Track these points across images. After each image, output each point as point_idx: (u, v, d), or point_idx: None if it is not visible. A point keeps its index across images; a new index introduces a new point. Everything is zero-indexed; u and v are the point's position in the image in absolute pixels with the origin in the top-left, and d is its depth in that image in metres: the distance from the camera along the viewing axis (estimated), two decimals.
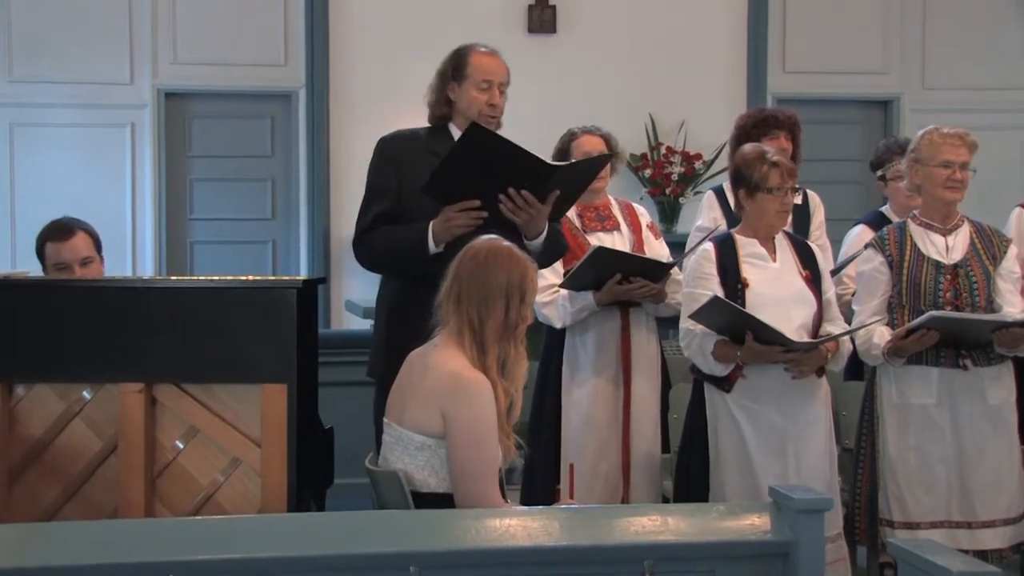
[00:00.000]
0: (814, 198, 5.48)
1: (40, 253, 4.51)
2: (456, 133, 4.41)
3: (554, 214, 4.26)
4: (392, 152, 4.39)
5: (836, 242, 5.84)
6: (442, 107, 4.48)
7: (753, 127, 5.43)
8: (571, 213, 5.20)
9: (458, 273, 3.63)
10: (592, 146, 5.20)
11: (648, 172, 9.10)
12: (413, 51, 8.06)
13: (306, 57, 8.96)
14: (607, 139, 5.27)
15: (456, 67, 4.45)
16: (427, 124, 4.53)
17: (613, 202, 5.33)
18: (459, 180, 4.10)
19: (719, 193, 5.51)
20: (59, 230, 4.51)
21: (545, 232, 4.21)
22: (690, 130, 9.09)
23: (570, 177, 4.19)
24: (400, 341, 4.27)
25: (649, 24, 9.23)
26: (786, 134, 5.43)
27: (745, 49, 9.38)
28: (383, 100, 8.62)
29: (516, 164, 4.04)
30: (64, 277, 4.40)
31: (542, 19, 9.09)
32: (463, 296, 3.59)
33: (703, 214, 5.50)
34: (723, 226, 5.30)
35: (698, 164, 9.05)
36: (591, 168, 4.35)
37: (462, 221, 4.12)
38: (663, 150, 9.17)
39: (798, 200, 5.27)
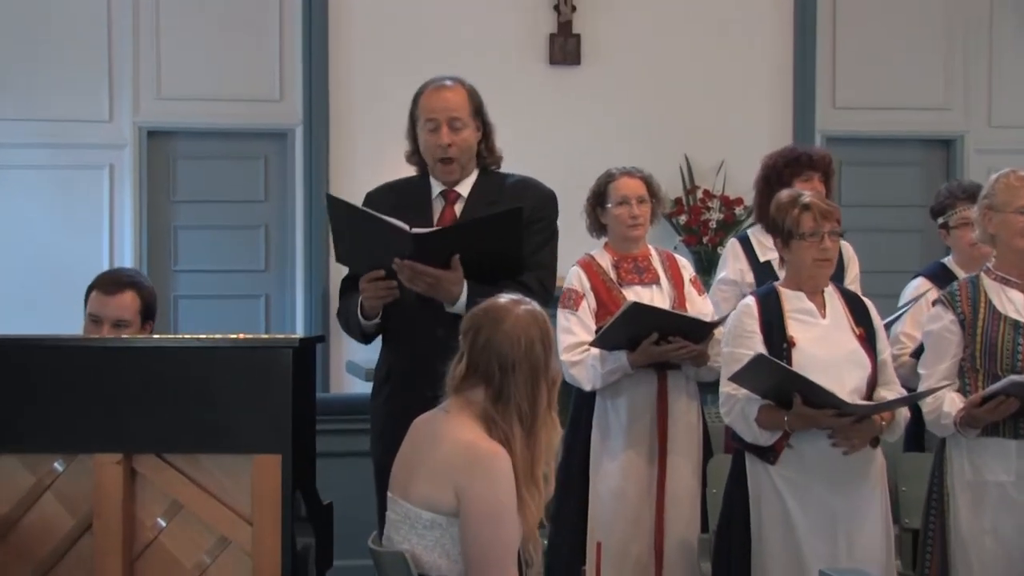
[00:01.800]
0: (847, 249, 5.45)
1: (86, 297, 4.56)
2: (435, 181, 4.52)
3: (486, 272, 4.22)
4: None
5: (892, 296, 5.83)
6: (415, 155, 4.58)
7: (784, 167, 5.41)
8: (606, 264, 5.22)
9: (495, 364, 3.57)
10: (631, 189, 5.22)
11: (683, 218, 9.11)
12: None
13: (303, 92, 9.00)
14: (647, 181, 5.29)
15: (412, 110, 4.55)
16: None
17: (653, 252, 5.33)
18: (358, 250, 4.26)
19: (744, 241, 5.50)
20: (109, 282, 4.53)
21: (464, 296, 4.19)
22: (730, 172, 9.09)
23: (472, 236, 4.18)
24: (377, 409, 4.39)
25: (684, 56, 9.26)
26: (820, 176, 5.41)
27: (791, 82, 9.40)
28: (388, 139, 8.53)
29: (385, 233, 4.13)
30: (89, 332, 4.45)
31: (565, 49, 9.13)
32: (512, 392, 3.56)
33: (727, 265, 5.49)
34: (750, 278, 5.31)
35: (739, 210, 9.05)
36: (500, 224, 4.24)
37: (370, 293, 4.26)
38: (700, 194, 9.18)
39: None
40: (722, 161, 9.19)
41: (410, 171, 4.67)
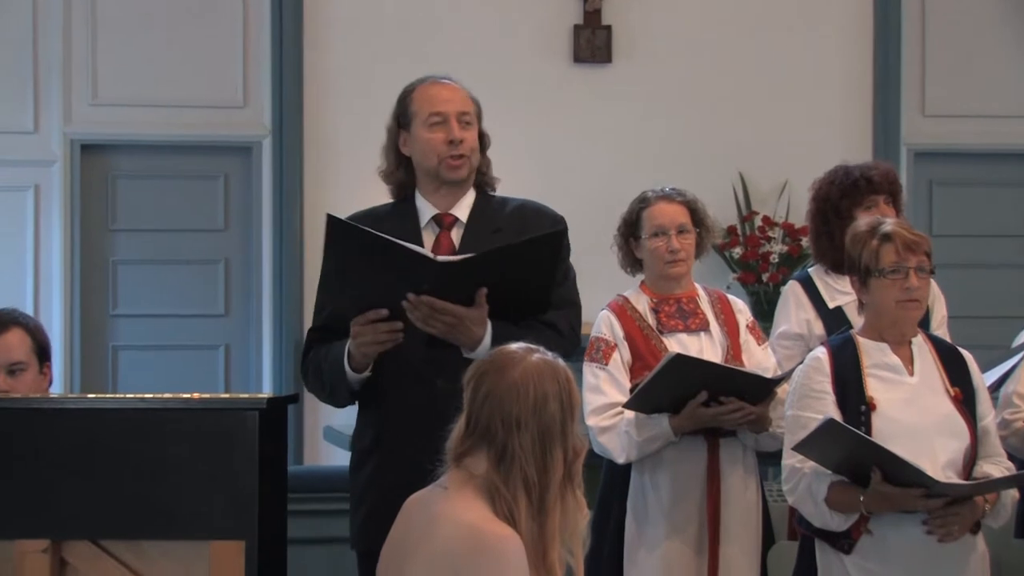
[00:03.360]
0: (932, 285, 5.42)
1: None
2: (423, 204, 4.54)
3: (510, 309, 4.28)
4: None
5: (994, 347, 5.82)
6: (398, 172, 4.61)
7: (841, 198, 5.37)
8: (643, 307, 5.21)
9: (497, 420, 3.59)
10: (669, 217, 5.20)
11: (737, 251, 9.11)
12: None
13: (272, 96, 9.02)
14: (691, 206, 5.26)
15: (401, 111, 4.59)
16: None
17: (701, 292, 5.32)
18: (355, 285, 4.27)
19: (806, 283, 5.46)
20: None
21: (487, 338, 4.25)
22: (794, 194, 9.07)
23: (506, 265, 4.22)
24: (361, 486, 4.45)
25: (738, 52, 9.27)
26: (886, 198, 5.39)
27: (870, 84, 9.41)
28: (375, 154, 8.65)
29: (400, 262, 4.16)
30: None
31: (592, 45, 9.16)
32: (516, 454, 3.57)
33: (789, 315, 5.43)
34: (819, 329, 5.28)
35: (806, 240, 9.03)
36: (538, 250, 4.31)
37: (369, 338, 4.27)
38: (758, 221, 9.19)
39: None
40: (785, 182, 9.20)
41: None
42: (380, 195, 4.68)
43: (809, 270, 5.54)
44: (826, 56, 9.39)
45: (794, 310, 5.44)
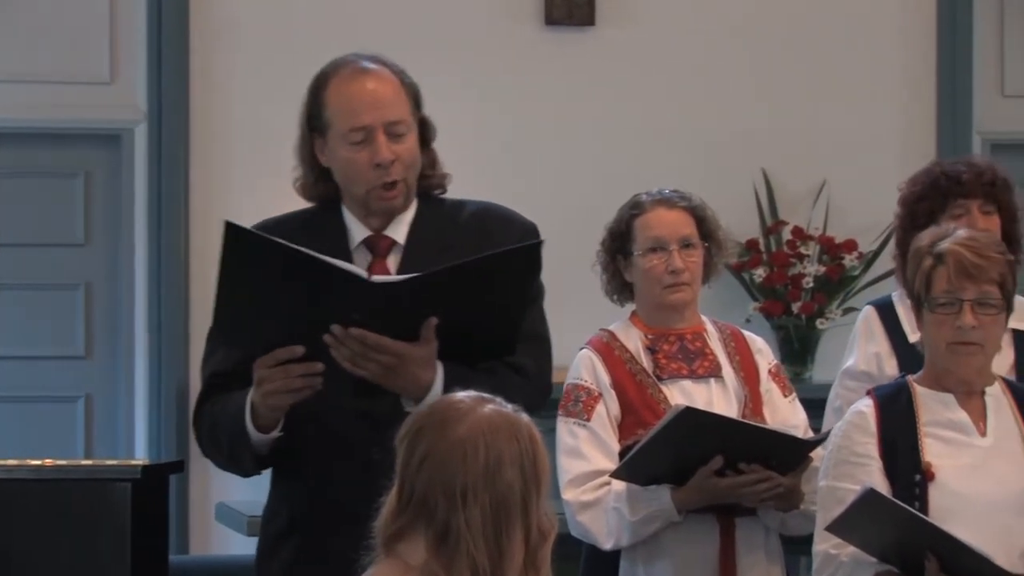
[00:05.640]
0: None
1: None
2: (352, 221, 4.52)
3: (467, 349, 4.30)
4: None
5: None
6: (319, 185, 4.59)
7: (917, 201, 5.41)
8: (635, 345, 5.23)
9: (437, 491, 3.62)
10: (668, 227, 5.20)
11: (759, 273, 9.11)
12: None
13: (148, 70, 9.02)
14: (698, 214, 5.28)
15: (313, 111, 4.56)
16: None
17: (710, 328, 5.36)
18: (263, 314, 4.22)
19: (884, 309, 5.49)
20: None
21: (438, 385, 4.25)
22: (835, 198, 9.14)
23: (458, 287, 4.23)
24: None
25: (762, 14, 9.29)
26: (982, 202, 5.39)
27: (934, 58, 9.45)
28: (283, 145, 8.68)
29: (322, 283, 4.14)
30: None
31: (571, 2, 9.20)
32: (462, 534, 3.59)
33: (856, 347, 5.47)
34: (892, 368, 5.30)
35: (850, 259, 9.05)
36: (508, 266, 4.33)
37: (278, 384, 4.22)
38: (787, 234, 9.20)
39: (1021, 323, 5.24)
40: (822, 182, 9.23)
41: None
42: (288, 198, 4.69)
43: (893, 294, 5.53)
44: (876, 20, 9.41)
45: (862, 342, 5.44)
